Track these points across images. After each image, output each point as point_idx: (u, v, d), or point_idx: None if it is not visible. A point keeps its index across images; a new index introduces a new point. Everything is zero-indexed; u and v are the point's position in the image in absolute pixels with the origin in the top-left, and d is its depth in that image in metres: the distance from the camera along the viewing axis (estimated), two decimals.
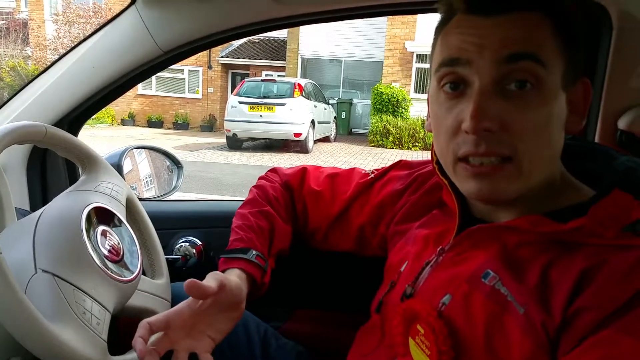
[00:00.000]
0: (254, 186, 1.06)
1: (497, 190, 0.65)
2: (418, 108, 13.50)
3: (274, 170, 1.10)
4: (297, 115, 11.25)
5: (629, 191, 0.62)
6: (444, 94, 0.67)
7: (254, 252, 0.91)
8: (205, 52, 16.76)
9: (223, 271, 0.88)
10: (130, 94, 16.66)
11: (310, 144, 11.75)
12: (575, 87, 0.67)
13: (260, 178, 1.09)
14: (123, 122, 17.42)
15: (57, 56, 1.22)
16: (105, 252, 0.79)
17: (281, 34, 16.70)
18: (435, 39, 0.70)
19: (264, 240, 0.95)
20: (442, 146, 0.69)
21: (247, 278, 0.88)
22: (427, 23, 13.40)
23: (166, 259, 1.04)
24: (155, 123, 17.42)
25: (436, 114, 0.69)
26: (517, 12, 0.62)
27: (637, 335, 0.53)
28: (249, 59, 17.20)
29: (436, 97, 0.69)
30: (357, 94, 16.34)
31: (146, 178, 1.47)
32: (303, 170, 1.07)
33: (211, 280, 0.78)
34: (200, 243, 1.26)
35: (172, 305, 0.97)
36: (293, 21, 1.15)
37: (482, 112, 0.61)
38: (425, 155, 0.77)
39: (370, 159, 10.85)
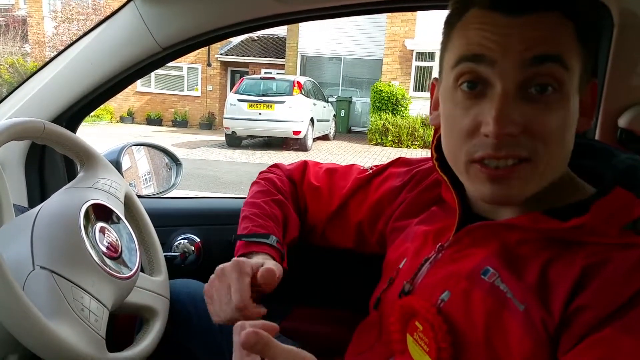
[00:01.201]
0: (260, 178, 1.06)
1: (511, 193, 0.64)
2: (417, 106, 13.50)
3: (275, 166, 1.10)
4: (296, 113, 11.24)
5: (629, 189, 0.62)
6: (461, 92, 0.64)
7: (274, 237, 0.90)
8: (204, 50, 16.74)
9: (244, 254, 0.87)
10: (129, 91, 16.64)
11: (310, 142, 11.75)
12: (586, 89, 0.66)
13: (263, 172, 1.08)
14: (122, 120, 17.40)
15: (56, 53, 1.21)
16: (104, 249, 0.79)
17: (280, 31, 16.68)
18: (447, 32, 0.68)
19: (280, 228, 0.95)
20: (454, 146, 0.67)
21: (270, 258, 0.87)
22: (426, 21, 13.39)
23: (165, 256, 1.04)
24: (154, 120, 17.39)
25: (451, 113, 0.67)
26: (540, 13, 0.60)
27: (637, 335, 0.53)
28: (248, 56, 17.18)
29: (451, 94, 0.66)
30: (357, 92, 16.32)
31: (145, 175, 1.46)
32: (304, 165, 1.07)
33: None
34: (198, 240, 1.26)
35: (171, 303, 0.97)
36: (292, 18, 1.15)
37: (505, 117, 0.59)
38: (425, 154, 0.76)
39: (369, 157, 10.85)
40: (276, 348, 0.55)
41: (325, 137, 13.58)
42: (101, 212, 0.84)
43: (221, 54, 17.27)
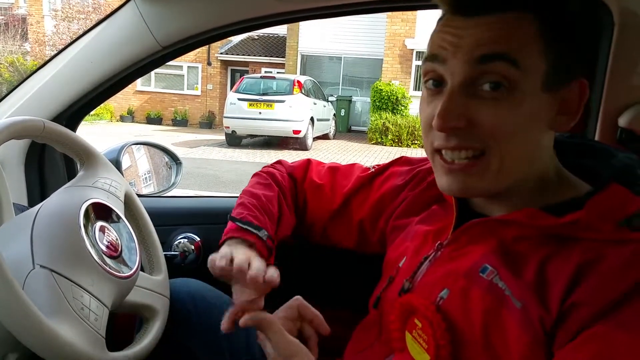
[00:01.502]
0: (262, 171, 1.06)
1: (466, 187, 0.67)
2: (417, 106, 13.40)
3: (279, 162, 1.10)
4: (296, 112, 11.24)
5: (626, 186, 0.63)
6: (426, 90, 0.69)
7: (265, 232, 0.90)
8: (205, 49, 16.74)
9: (234, 238, 0.87)
10: (129, 90, 16.62)
11: (310, 141, 11.74)
12: (569, 87, 0.66)
13: (266, 167, 1.08)
14: (122, 119, 17.39)
15: (56, 52, 1.21)
16: (104, 248, 0.79)
17: (281, 30, 16.67)
18: (430, 36, 0.72)
19: (273, 225, 0.95)
20: (423, 137, 0.72)
21: (257, 254, 0.86)
22: (427, 20, 13.38)
23: (165, 255, 1.04)
24: (154, 119, 17.39)
25: (420, 108, 0.71)
26: (498, 14, 0.62)
27: (631, 330, 0.53)
28: (249, 55, 17.17)
29: (422, 91, 0.71)
30: (357, 91, 16.32)
31: (145, 174, 1.46)
32: (307, 163, 1.07)
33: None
34: (198, 239, 1.26)
35: (171, 302, 0.97)
36: (293, 17, 1.15)
37: (448, 112, 0.63)
38: (424, 153, 0.77)
39: (369, 157, 10.85)
40: (280, 334, 0.59)
41: (325, 137, 13.57)
42: (101, 211, 0.84)
43: (221, 53, 17.25)
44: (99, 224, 0.82)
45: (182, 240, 1.25)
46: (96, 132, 11.57)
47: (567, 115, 0.67)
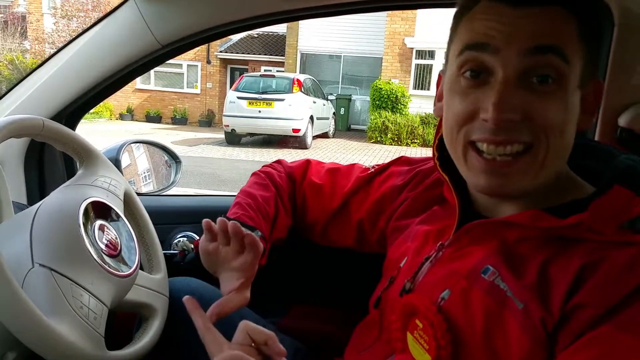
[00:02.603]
0: (260, 171, 1.06)
1: (507, 185, 0.65)
2: (417, 104, 13.49)
3: (278, 162, 1.10)
4: (295, 110, 11.23)
5: (629, 188, 0.62)
6: (464, 80, 0.66)
7: (259, 233, 0.90)
8: (204, 47, 16.71)
9: None
10: (128, 88, 16.61)
11: (309, 139, 11.74)
12: (589, 86, 0.67)
13: (265, 166, 1.08)
14: (121, 117, 17.38)
15: (56, 50, 1.21)
16: (103, 247, 0.79)
17: (280, 29, 16.64)
18: (455, 24, 0.70)
19: (268, 225, 0.95)
20: (452, 131, 0.68)
21: None
22: (426, 19, 13.38)
23: (164, 253, 1.04)
24: (153, 118, 17.38)
25: (452, 99, 0.68)
26: (544, 7, 0.62)
27: (633, 332, 0.53)
28: (248, 54, 17.15)
29: (454, 82, 0.68)
30: (356, 90, 16.31)
31: (144, 173, 1.46)
32: (306, 163, 1.07)
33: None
34: (198, 238, 1.26)
35: (170, 301, 0.97)
36: (292, 15, 1.14)
37: (505, 103, 0.61)
38: (424, 152, 0.77)
39: (368, 155, 10.84)
40: None
41: (324, 135, 13.57)
42: (100, 210, 0.84)
43: (221, 52, 17.24)
44: (99, 222, 0.82)
45: (181, 239, 1.25)
46: (96, 130, 11.56)
47: (587, 114, 0.68)
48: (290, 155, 10.27)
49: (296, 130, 11.24)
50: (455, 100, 0.67)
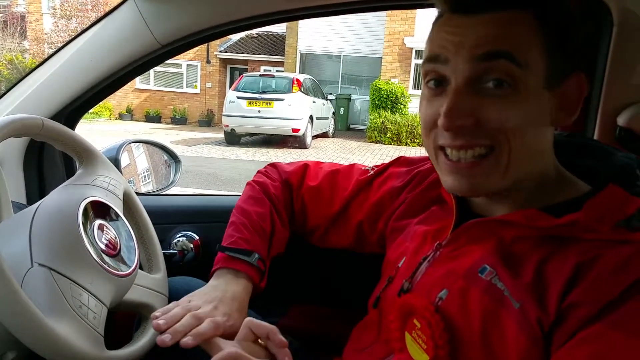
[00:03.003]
0: (254, 181, 1.05)
1: (473, 186, 0.67)
2: (417, 104, 13.30)
3: (273, 166, 1.09)
4: (295, 110, 11.23)
5: (625, 187, 0.63)
6: (428, 89, 0.69)
7: (257, 255, 0.91)
8: (204, 47, 16.71)
9: (224, 268, 0.89)
10: (128, 88, 16.60)
11: (309, 139, 11.74)
12: (568, 82, 0.66)
13: (259, 173, 1.08)
14: (121, 117, 17.37)
15: (55, 50, 1.21)
16: (102, 246, 0.79)
17: (280, 28, 16.65)
18: (428, 36, 0.71)
19: (265, 244, 0.96)
20: (424, 136, 0.71)
21: (248, 282, 0.89)
22: (426, 19, 13.34)
23: (163, 253, 1.04)
24: (153, 117, 17.37)
25: (421, 106, 0.71)
26: (498, 12, 0.62)
27: (627, 331, 0.54)
28: (248, 53, 17.14)
29: (423, 91, 0.71)
30: (356, 89, 16.31)
31: (144, 172, 1.46)
32: (304, 168, 1.06)
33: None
34: (197, 238, 1.26)
35: (169, 300, 0.97)
36: (292, 15, 1.14)
37: (455, 110, 0.62)
38: (423, 152, 0.77)
39: (368, 155, 10.84)
40: None
41: (324, 135, 13.57)
42: (100, 210, 0.84)
43: (220, 51, 17.23)
44: (98, 222, 0.81)
45: (180, 239, 1.25)
46: (95, 130, 11.56)
47: (567, 110, 0.67)
48: (290, 155, 10.27)
49: (296, 130, 11.24)
50: (422, 108, 0.70)
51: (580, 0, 0.90)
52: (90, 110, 1.30)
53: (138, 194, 1.07)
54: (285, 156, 10.30)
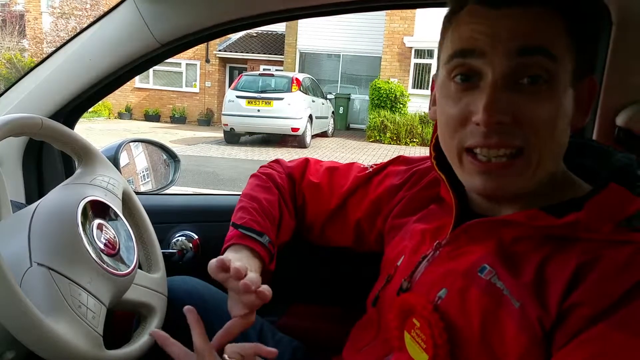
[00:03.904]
0: (260, 172, 1.05)
1: (503, 187, 0.65)
2: (416, 104, 13.48)
3: (276, 161, 1.10)
4: (294, 109, 11.22)
5: (625, 187, 0.62)
6: (454, 84, 0.66)
7: (268, 238, 0.91)
8: (203, 46, 16.70)
9: (237, 244, 0.88)
10: (127, 87, 16.60)
11: (308, 138, 11.73)
12: (583, 84, 0.67)
13: (263, 167, 1.08)
14: (120, 116, 17.36)
15: (54, 49, 1.21)
16: (101, 246, 0.79)
17: (279, 28, 16.64)
18: (444, 30, 0.70)
19: (274, 229, 0.95)
20: (447, 136, 0.69)
21: (261, 262, 0.88)
22: (425, 18, 13.38)
23: (162, 253, 1.04)
24: (152, 117, 17.36)
25: (444, 104, 0.68)
26: (528, 6, 0.62)
27: (629, 331, 0.53)
28: (247, 53, 17.13)
29: (445, 87, 0.68)
30: (355, 89, 16.30)
31: (143, 171, 1.46)
32: (305, 162, 1.07)
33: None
34: (196, 237, 1.26)
35: (169, 300, 0.97)
36: (291, 15, 1.14)
37: (495, 105, 0.61)
38: (423, 151, 0.77)
39: (367, 155, 10.84)
40: None
41: (323, 134, 13.56)
42: (99, 209, 0.84)
43: (220, 50, 17.22)
44: (97, 221, 0.81)
45: (180, 238, 1.25)
46: (94, 129, 11.54)
47: (581, 110, 0.68)
48: (290, 155, 10.26)
49: (295, 130, 11.23)
50: (447, 105, 0.67)
51: (594, 2, 0.92)
52: (90, 109, 1.29)
53: (137, 193, 1.07)
54: (285, 155, 10.18)
